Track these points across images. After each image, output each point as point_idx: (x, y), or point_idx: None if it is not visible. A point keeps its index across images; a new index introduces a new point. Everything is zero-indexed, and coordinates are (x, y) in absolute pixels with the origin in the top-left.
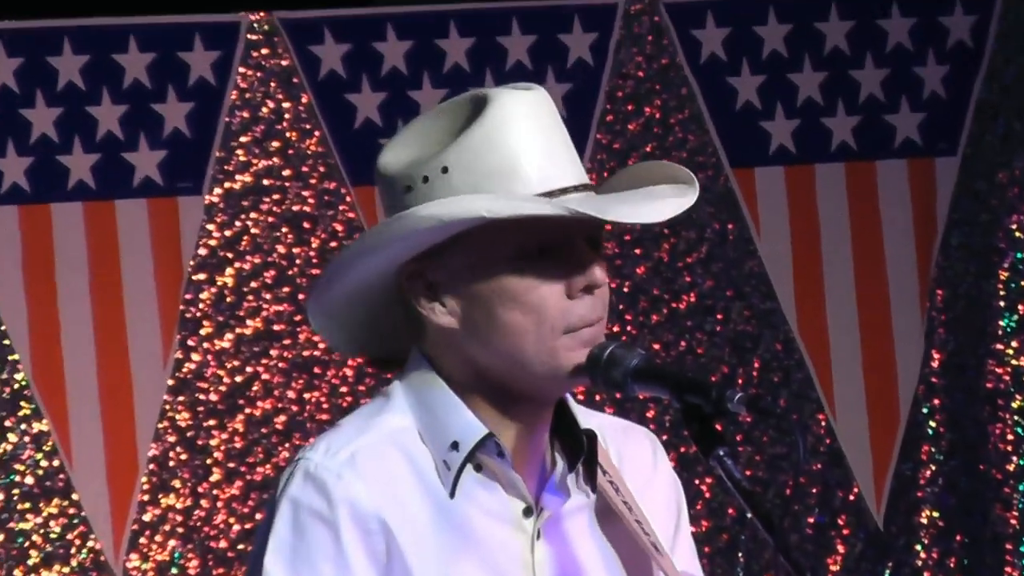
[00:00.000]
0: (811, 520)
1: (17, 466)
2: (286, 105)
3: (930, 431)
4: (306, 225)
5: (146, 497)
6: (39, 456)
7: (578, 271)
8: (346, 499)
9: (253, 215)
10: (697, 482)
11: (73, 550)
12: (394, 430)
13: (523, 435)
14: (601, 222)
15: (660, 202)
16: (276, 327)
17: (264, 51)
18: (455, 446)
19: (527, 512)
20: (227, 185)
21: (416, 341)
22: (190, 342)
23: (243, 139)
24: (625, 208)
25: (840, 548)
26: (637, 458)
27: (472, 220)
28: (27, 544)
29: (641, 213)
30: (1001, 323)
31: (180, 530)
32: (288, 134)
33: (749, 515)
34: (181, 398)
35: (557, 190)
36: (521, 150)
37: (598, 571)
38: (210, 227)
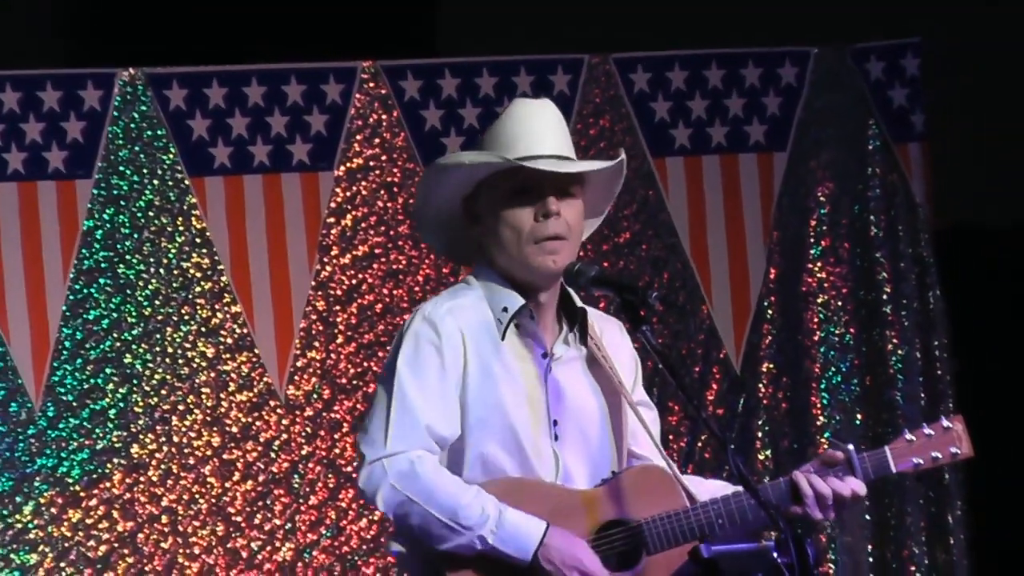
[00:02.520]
0: (697, 369)
1: (222, 332)
2: (384, 117)
3: (768, 316)
4: (395, 190)
5: (298, 351)
6: (235, 327)
7: (541, 204)
8: (447, 333)
9: (363, 183)
10: None
11: (254, 383)
12: (472, 299)
13: (540, 308)
14: (530, 169)
15: (582, 163)
16: (376, 251)
17: (371, 84)
18: (505, 310)
19: (544, 355)
20: (347, 165)
21: (484, 249)
22: (324, 259)
23: (358, 137)
24: (554, 166)
25: (714, 386)
26: (612, 335)
27: (462, 165)
28: (227, 379)
29: (562, 166)
30: (811, 251)
31: (319, 371)
32: (385, 134)
33: (660, 366)
34: (319, 293)
35: (531, 155)
36: (517, 132)
37: (585, 394)
38: (337, 190)
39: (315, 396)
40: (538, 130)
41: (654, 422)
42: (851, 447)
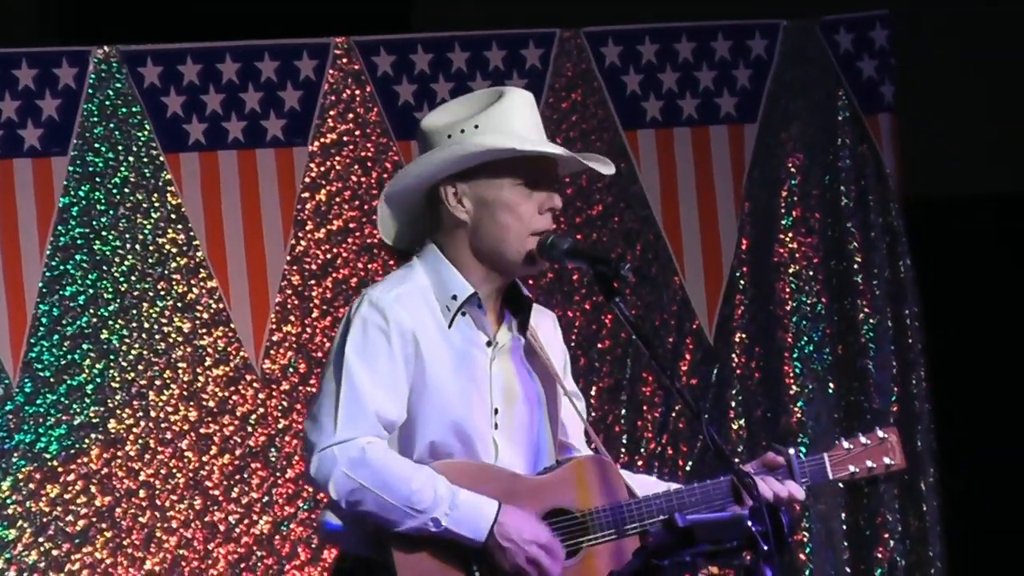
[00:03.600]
0: (670, 340)
1: (198, 308)
2: (357, 92)
3: (740, 286)
4: (368, 164)
5: (274, 326)
6: (211, 301)
7: (547, 199)
8: (395, 319)
9: (337, 158)
10: (603, 318)
11: (230, 358)
12: (419, 285)
13: (490, 297)
14: (543, 163)
15: (598, 163)
16: (351, 225)
17: (344, 60)
18: (454, 298)
19: (488, 343)
20: (321, 140)
21: (432, 234)
22: (299, 234)
23: (332, 112)
24: (583, 161)
25: (687, 357)
26: (546, 326)
27: (500, 151)
28: (203, 354)
29: (591, 164)
30: (783, 222)
31: (294, 345)
32: (358, 109)
33: (634, 337)
34: (294, 268)
35: (547, 152)
36: (521, 122)
37: (525, 383)
38: (311, 165)
39: (291, 370)
40: (538, 124)
41: (583, 411)
42: (792, 451)
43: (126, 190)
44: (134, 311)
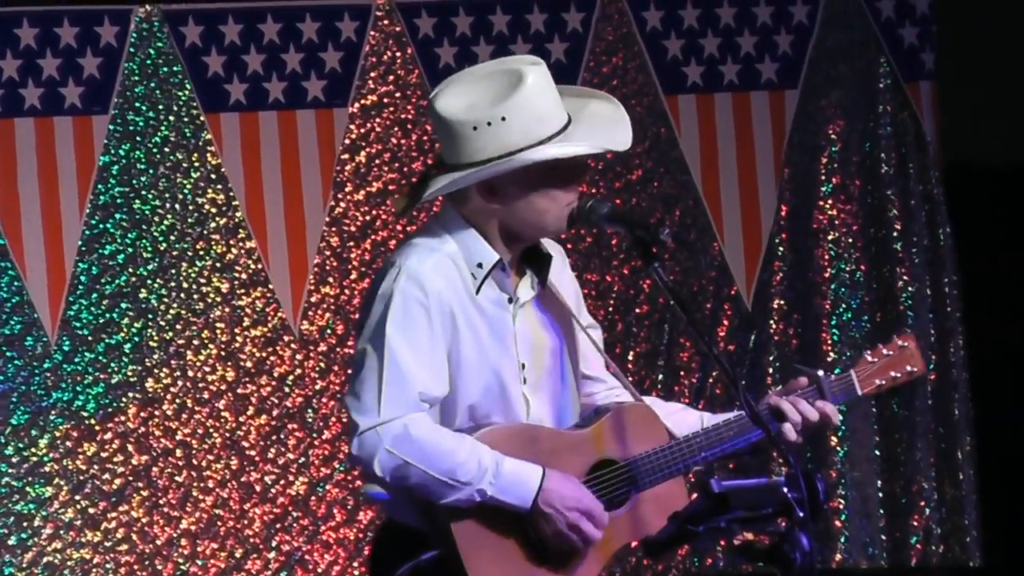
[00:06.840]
0: (708, 306)
1: (236, 268)
2: (398, 54)
3: (779, 253)
4: (408, 127)
5: (312, 287)
6: (249, 262)
7: (577, 179)
8: (434, 291)
9: (377, 120)
10: (641, 283)
11: (268, 318)
12: (448, 252)
13: (512, 257)
14: (605, 153)
15: (623, 130)
16: (390, 187)
17: (385, 22)
18: (480, 265)
19: (510, 300)
20: (362, 102)
21: (455, 205)
22: (339, 195)
23: (372, 74)
24: (606, 139)
25: (725, 323)
26: (555, 262)
27: (562, 159)
28: (242, 314)
29: (618, 142)
30: (822, 189)
31: (333, 307)
32: (399, 71)
33: (672, 303)
34: (333, 229)
35: (562, 128)
36: (547, 106)
37: (547, 333)
38: (351, 127)
39: (329, 331)
40: (558, 100)
41: (600, 341)
42: (821, 372)
43: (166, 149)
44: (173, 270)
